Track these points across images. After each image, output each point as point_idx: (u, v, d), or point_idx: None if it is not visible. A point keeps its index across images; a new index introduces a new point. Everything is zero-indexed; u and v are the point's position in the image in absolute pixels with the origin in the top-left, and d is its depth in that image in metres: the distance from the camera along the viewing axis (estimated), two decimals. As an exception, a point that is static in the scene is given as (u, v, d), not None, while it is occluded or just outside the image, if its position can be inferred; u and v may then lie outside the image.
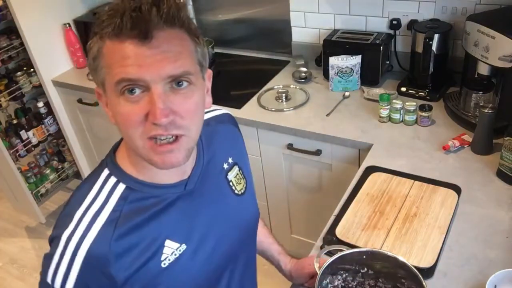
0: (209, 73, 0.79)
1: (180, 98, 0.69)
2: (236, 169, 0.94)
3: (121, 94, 0.68)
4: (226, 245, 0.89)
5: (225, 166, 0.92)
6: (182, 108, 0.69)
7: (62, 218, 0.77)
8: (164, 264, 0.78)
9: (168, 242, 0.79)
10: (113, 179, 0.78)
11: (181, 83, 0.69)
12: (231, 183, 0.92)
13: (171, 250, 0.79)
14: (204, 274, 0.84)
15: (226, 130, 0.97)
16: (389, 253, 0.93)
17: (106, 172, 0.79)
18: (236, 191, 0.93)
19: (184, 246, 0.80)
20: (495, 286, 0.99)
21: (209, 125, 0.92)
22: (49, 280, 0.72)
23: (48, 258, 0.74)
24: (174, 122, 0.68)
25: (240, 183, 0.95)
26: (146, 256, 0.76)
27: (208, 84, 0.80)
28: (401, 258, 0.91)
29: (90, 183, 0.79)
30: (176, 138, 0.70)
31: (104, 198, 0.76)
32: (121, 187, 0.77)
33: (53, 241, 0.75)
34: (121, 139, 0.82)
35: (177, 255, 0.79)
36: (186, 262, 0.80)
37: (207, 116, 0.94)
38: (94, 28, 0.69)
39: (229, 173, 0.93)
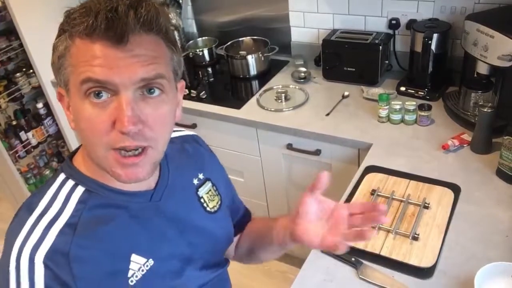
0: (181, 84, 0.75)
1: (150, 106, 0.65)
2: (208, 185, 0.90)
3: (86, 97, 0.63)
4: (196, 262, 0.84)
5: (195, 181, 0.88)
6: (152, 117, 0.65)
7: (9, 233, 0.69)
8: (132, 281, 0.71)
9: (134, 257, 0.73)
10: (70, 182, 0.72)
11: (152, 90, 0.65)
12: (202, 200, 0.88)
13: (137, 265, 0.73)
14: None
15: (193, 149, 0.93)
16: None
17: (62, 176, 0.73)
18: (208, 208, 0.88)
19: (151, 261, 0.75)
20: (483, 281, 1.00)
21: (174, 143, 0.88)
22: None
23: (3, 280, 0.65)
24: (142, 132, 0.64)
25: (213, 200, 0.90)
26: (110, 272, 0.70)
27: (180, 96, 0.76)
28: None
29: (43, 190, 0.72)
30: (143, 150, 0.66)
31: (60, 204, 0.70)
32: (80, 189, 0.72)
33: (1, 263, 0.66)
34: (78, 148, 0.77)
35: (145, 271, 0.73)
36: (154, 278, 0.75)
37: (172, 135, 0.86)
38: (63, 25, 0.65)
39: (199, 189, 0.88)
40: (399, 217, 1.22)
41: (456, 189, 1.31)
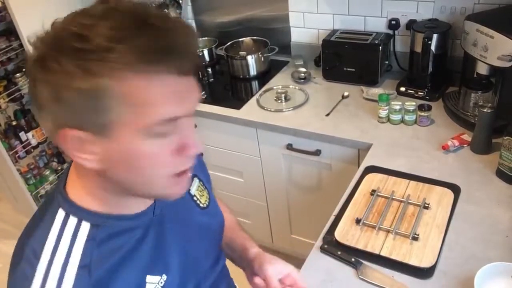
0: None
1: None
2: (196, 181, 0.90)
3: (150, 136, 0.58)
4: (204, 260, 0.86)
5: None
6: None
7: (19, 278, 0.64)
8: None
9: (149, 278, 0.72)
10: (73, 219, 0.67)
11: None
12: (195, 198, 0.88)
13: (153, 285, 0.73)
14: None
15: None
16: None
17: (61, 213, 0.67)
18: (201, 205, 0.89)
19: (165, 277, 0.75)
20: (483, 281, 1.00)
21: None
22: None
23: None
24: None
25: (203, 195, 0.91)
26: None
27: None
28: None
29: (44, 229, 0.67)
30: None
31: (68, 243, 0.66)
32: (85, 226, 0.67)
33: None
34: (65, 179, 0.71)
35: (160, 287, 0.74)
36: None
37: None
38: (104, 62, 0.53)
39: (191, 188, 0.88)
40: (399, 217, 1.22)
41: (456, 189, 1.31)
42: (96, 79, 0.53)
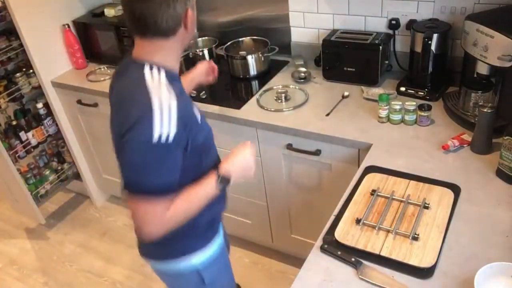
0: None
1: None
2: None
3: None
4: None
5: None
6: None
7: (142, 93, 1.04)
8: (200, 121, 1.16)
9: (195, 109, 1.16)
10: (155, 68, 1.08)
11: None
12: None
13: (198, 114, 1.16)
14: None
15: None
16: None
17: (147, 66, 1.08)
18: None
19: (199, 116, 1.17)
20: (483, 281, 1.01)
21: None
22: (156, 134, 1.00)
23: (147, 119, 1.00)
24: None
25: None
26: (191, 114, 1.12)
27: None
28: None
29: (138, 74, 1.07)
30: None
31: (157, 74, 1.07)
32: (162, 70, 1.09)
33: (146, 113, 1.01)
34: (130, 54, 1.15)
35: (199, 119, 1.16)
36: (203, 127, 1.19)
37: None
38: None
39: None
40: (399, 217, 1.22)
41: (456, 189, 1.31)
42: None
